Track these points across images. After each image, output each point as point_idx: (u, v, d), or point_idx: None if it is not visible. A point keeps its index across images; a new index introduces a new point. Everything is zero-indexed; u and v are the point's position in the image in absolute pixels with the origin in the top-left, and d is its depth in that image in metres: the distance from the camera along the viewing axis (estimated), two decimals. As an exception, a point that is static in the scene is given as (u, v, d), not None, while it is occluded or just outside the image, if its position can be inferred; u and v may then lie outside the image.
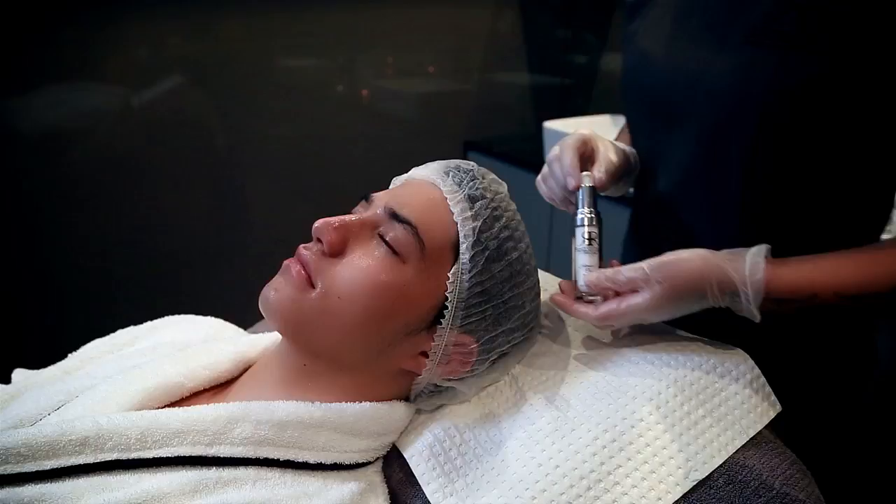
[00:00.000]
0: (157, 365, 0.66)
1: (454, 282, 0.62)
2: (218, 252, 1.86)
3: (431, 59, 2.10)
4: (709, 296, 0.62)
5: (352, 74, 1.99)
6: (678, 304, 0.63)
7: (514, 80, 2.24)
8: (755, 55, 0.65)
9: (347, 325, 0.60)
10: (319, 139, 1.95)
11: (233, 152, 1.82)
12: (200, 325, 0.79)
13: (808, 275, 0.60)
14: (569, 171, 0.71)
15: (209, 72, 1.73)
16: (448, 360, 0.63)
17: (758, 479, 0.58)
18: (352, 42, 1.94)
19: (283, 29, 1.80)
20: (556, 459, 0.59)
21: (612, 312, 0.64)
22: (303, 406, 0.60)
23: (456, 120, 2.16)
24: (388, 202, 0.64)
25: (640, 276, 0.63)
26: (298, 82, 1.89)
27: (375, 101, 2.05)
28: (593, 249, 0.69)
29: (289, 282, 0.61)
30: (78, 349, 0.77)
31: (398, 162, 1.97)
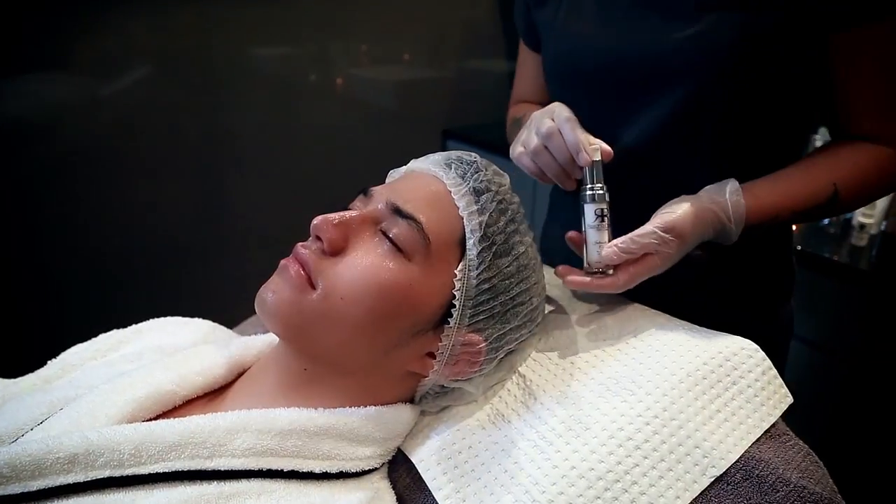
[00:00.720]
0: (147, 372, 0.62)
1: (461, 279, 0.60)
2: (194, 246, 1.80)
3: (407, 47, 2.06)
4: (705, 236, 0.69)
5: (326, 63, 1.93)
6: (684, 251, 0.68)
7: (491, 68, 2.21)
8: (714, 19, 0.68)
9: (351, 327, 0.57)
10: (294, 129, 1.90)
11: (206, 144, 1.76)
12: (189, 327, 0.75)
13: (771, 201, 0.70)
14: (577, 146, 0.68)
15: (179, 61, 1.66)
16: (455, 360, 0.61)
17: (774, 474, 0.57)
18: (325, 30, 1.89)
19: (253, 17, 1.74)
20: (572, 460, 0.57)
21: (634, 275, 0.67)
22: (305, 413, 0.58)
23: (434, 108, 2.12)
24: (390, 197, 0.61)
25: (654, 240, 0.65)
26: (271, 71, 1.83)
27: (351, 90, 2.00)
28: (605, 226, 0.69)
29: (287, 283, 0.58)
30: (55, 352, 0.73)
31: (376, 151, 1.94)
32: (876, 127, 0.72)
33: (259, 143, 1.84)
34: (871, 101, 0.71)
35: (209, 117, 1.74)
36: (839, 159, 0.73)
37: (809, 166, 0.74)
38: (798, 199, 0.71)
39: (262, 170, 1.87)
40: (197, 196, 1.79)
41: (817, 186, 0.71)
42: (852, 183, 0.71)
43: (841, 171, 0.71)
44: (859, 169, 0.72)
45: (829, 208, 0.72)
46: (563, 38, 0.81)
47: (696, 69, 0.71)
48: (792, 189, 0.72)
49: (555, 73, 0.85)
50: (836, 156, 0.73)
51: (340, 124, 1.98)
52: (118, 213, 1.65)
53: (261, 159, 1.86)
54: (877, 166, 0.72)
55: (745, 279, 0.83)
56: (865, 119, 0.72)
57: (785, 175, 0.73)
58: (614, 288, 0.67)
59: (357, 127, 2.01)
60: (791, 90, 0.72)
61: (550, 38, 0.84)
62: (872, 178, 0.72)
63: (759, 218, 0.69)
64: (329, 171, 1.96)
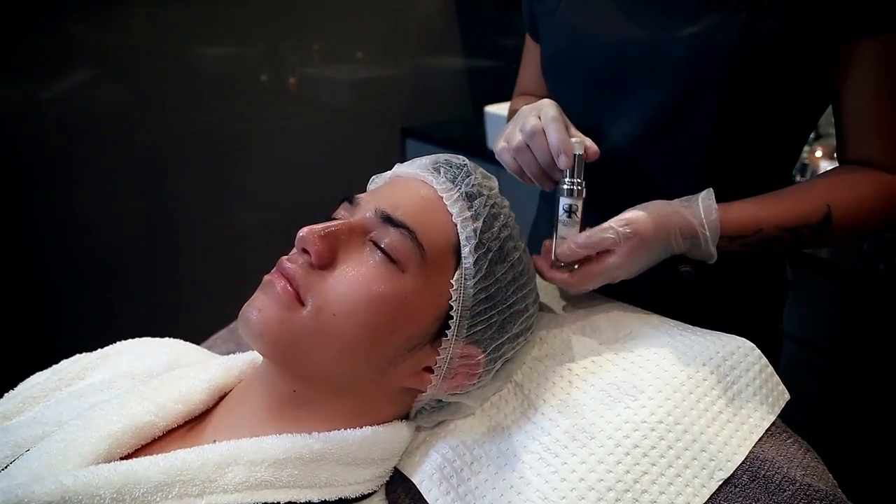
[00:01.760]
0: (121, 403, 0.58)
1: (458, 289, 0.57)
2: (143, 254, 1.72)
3: (362, 45, 2.01)
4: (672, 242, 0.66)
5: (277, 63, 1.87)
6: (647, 255, 0.66)
7: (449, 64, 2.19)
8: (716, 20, 0.67)
9: (345, 344, 0.54)
10: (247, 131, 1.83)
11: (153, 148, 1.67)
12: (160, 348, 0.70)
13: (753, 212, 0.68)
14: (560, 148, 0.66)
15: (122, 63, 1.57)
16: (454, 373, 0.59)
17: (780, 473, 0.57)
18: (275, 28, 1.83)
19: (198, 15, 1.66)
20: (580, 471, 0.55)
21: (588, 274, 0.66)
22: (299, 439, 0.54)
23: (391, 107, 2.08)
24: (378, 204, 0.58)
25: (610, 236, 0.64)
26: (219, 72, 1.75)
27: (305, 90, 1.94)
28: (573, 221, 0.68)
29: (274, 299, 0.54)
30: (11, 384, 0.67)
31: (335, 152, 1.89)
32: (879, 150, 0.68)
33: (210, 146, 1.76)
34: (875, 121, 0.68)
35: (156, 120, 1.66)
36: (837, 182, 0.70)
37: (803, 186, 0.71)
38: (785, 215, 0.67)
39: (215, 173, 1.79)
40: (145, 202, 1.71)
41: (809, 205, 0.68)
42: (848, 207, 0.67)
43: (837, 194, 0.68)
44: (857, 193, 0.68)
45: (820, 231, 0.68)
46: (561, 31, 0.79)
47: (692, 68, 0.69)
48: (779, 203, 0.69)
49: (551, 66, 0.83)
50: (834, 179, 0.70)
51: (295, 125, 1.92)
52: (61, 222, 1.56)
53: (212, 162, 1.78)
54: (876, 193, 0.68)
55: (735, 296, 0.81)
56: (868, 141, 0.69)
57: (775, 192, 0.71)
58: (565, 283, 0.68)
59: (313, 128, 1.95)
60: (787, 99, 0.70)
61: (549, 31, 0.82)
62: (871, 205, 0.68)
63: (739, 229, 0.67)
64: (286, 173, 1.90)
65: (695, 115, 0.71)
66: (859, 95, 0.67)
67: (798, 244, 0.69)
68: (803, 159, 1.46)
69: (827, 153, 1.45)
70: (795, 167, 1.17)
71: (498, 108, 1.82)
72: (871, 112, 0.68)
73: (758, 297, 0.83)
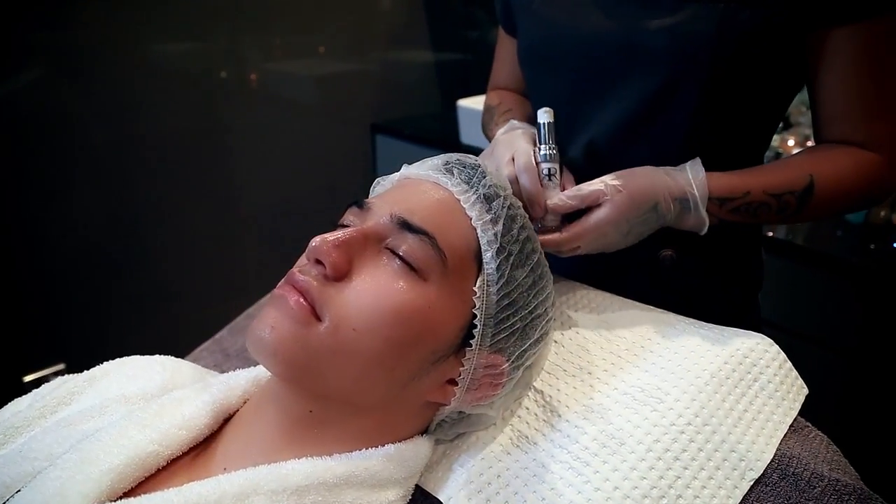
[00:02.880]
0: (119, 432, 0.53)
1: (481, 296, 0.54)
2: (101, 260, 1.63)
3: (327, 39, 1.95)
4: (661, 203, 0.67)
5: (236, 58, 1.80)
6: (636, 213, 0.66)
7: (417, 59, 2.15)
8: (694, 11, 0.68)
9: (366, 361, 0.51)
10: (209, 130, 1.75)
11: (110, 149, 1.58)
12: (152, 367, 0.65)
13: (740, 178, 0.70)
14: (533, 199, 0.68)
15: (75, 61, 1.48)
16: (478, 384, 0.56)
17: (808, 469, 0.57)
18: (232, 23, 1.75)
19: (152, 10, 1.58)
20: (613, 480, 0.53)
21: (580, 229, 0.67)
22: (320, 463, 0.51)
23: (360, 103, 2.03)
24: (393, 209, 0.55)
25: (599, 187, 0.66)
26: (176, 69, 1.67)
27: (267, 87, 1.87)
28: (553, 184, 0.70)
29: (288, 315, 0.50)
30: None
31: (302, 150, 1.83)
32: (857, 130, 0.70)
33: (171, 146, 1.68)
34: (854, 102, 0.70)
35: (112, 120, 1.57)
36: (817, 156, 0.72)
37: (785, 159, 0.75)
38: (770, 181, 0.70)
39: (177, 174, 1.71)
40: (104, 205, 1.62)
41: (792, 174, 0.70)
42: (829, 178, 0.70)
43: (819, 166, 0.70)
44: (837, 167, 0.70)
45: (804, 199, 0.70)
46: (538, 23, 0.79)
47: (671, 59, 0.70)
48: (765, 172, 0.71)
49: (530, 59, 0.83)
50: (815, 153, 0.73)
51: (260, 123, 1.85)
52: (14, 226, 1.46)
53: (174, 163, 1.70)
54: (856, 167, 0.70)
55: (713, 280, 0.82)
56: (847, 121, 0.71)
57: (758, 166, 0.73)
58: (556, 242, 0.67)
59: (279, 125, 1.89)
60: (762, 87, 0.72)
61: (526, 24, 0.82)
62: (851, 179, 0.70)
63: (727, 191, 0.68)
64: (253, 172, 1.84)
65: (674, 105, 0.71)
66: (835, 81, 0.69)
67: (784, 212, 0.71)
68: (776, 148, 1.49)
69: (798, 142, 1.48)
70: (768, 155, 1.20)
71: (471, 101, 1.79)
72: (847, 96, 0.70)
73: (735, 280, 0.84)
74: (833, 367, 1.29)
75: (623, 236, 0.68)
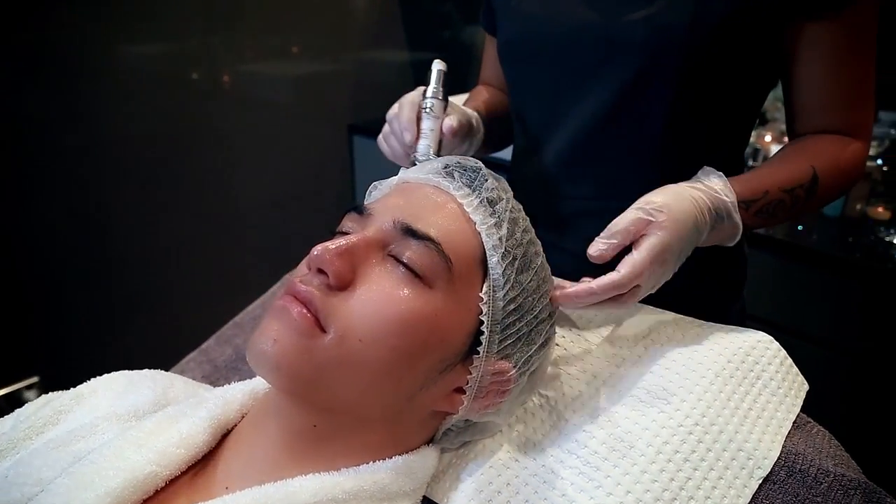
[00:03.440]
0: (115, 453, 0.51)
1: (487, 302, 0.53)
2: (69, 267, 1.57)
3: (301, 40, 1.92)
4: (698, 217, 0.61)
5: (207, 59, 1.76)
6: (685, 231, 0.60)
7: (393, 58, 2.13)
8: (670, 1, 0.68)
9: (373, 372, 0.49)
10: (181, 132, 1.71)
11: (79, 153, 1.53)
12: (143, 382, 0.62)
13: (755, 178, 0.69)
14: (405, 125, 0.72)
15: (45, 62, 1.43)
16: (485, 392, 0.55)
17: (813, 465, 0.57)
18: (202, 23, 1.71)
19: (121, 11, 1.53)
20: (625, 484, 0.53)
21: (638, 263, 0.57)
22: (328, 478, 0.49)
23: (336, 103, 2.01)
24: (395, 214, 0.53)
25: (639, 215, 0.59)
26: (147, 70, 1.63)
27: (240, 88, 1.83)
28: (432, 115, 0.72)
29: (291, 327, 0.49)
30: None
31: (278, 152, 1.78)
32: (838, 119, 0.72)
33: (141, 149, 1.63)
34: (833, 92, 0.71)
35: (81, 123, 1.52)
36: (810, 148, 0.73)
37: (781, 156, 0.74)
38: (781, 178, 0.69)
39: (150, 177, 1.66)
40: (74, 212, 1.57)
41: (797, 169, 0.70)
42: (828, 168, 0.71)
43: (816, 158, 0.71)
44: (831, 156, 0.71)
45: (811, 191, 0.70)
46: (516, 19, 0.80)
47: (648, 50, 0.70)
48: (772, 170, 0.71)
49: (508, 54, 0.83)
50: (806, 146, 0.73)
51: (234, 125, 1.82)
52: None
53: (146, 166, 1.65)
54: (845, 154, 0.72)
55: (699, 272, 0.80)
56: (827, 111, 0.72)
57: (759, 166, 0.74)
58: (618, 285, 0.57)
59: (254, 127, 1.85)
60: (739, 78, 0.72)
61: (504, 19, 0.82)
62: (844, 165, 0.71)
63: (750, 193, 0.66)
64: (228, 175, 1.80)
65: (652, 95, 0.72)
66: (814, 72, 0.70)
67: (795, 207, 0.70)
68: (754, 144, 1.51)
69: (776, 137, 1.50)
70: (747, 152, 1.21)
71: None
72: (827, 86, 0.71)
73: (721, 275, 0.85)
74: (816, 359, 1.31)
75: (677, 262, 0.62)
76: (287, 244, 1.95)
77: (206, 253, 1.83)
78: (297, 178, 1.95)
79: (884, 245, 1.29)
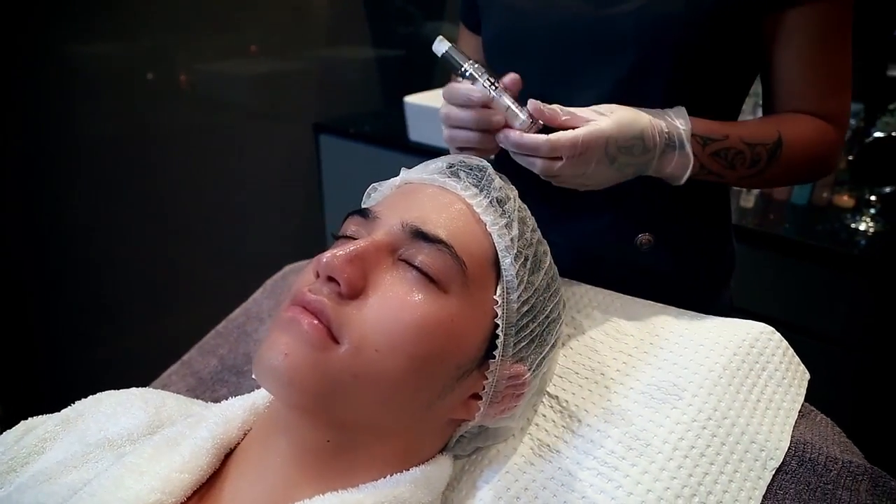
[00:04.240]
0: (114, 482, 0.47)
1: (502, 304, 0.52)
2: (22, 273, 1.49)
3: (259, 38, 1.86)
4: (647, 131, 0.63)
5: (163, 60, 1.69)
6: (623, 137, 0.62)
7: (358, 56, 2.09)
8: None
9: (392, 383, 0.48)
10: (136, 136, 1.64)
11: (31, 160, 1.45)
12: (131, 403, 0.59)
13: (719, 124, 0.69)
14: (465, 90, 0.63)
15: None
16: (501, 396, 0.54)
17: (822, 453, 0.58)
18: (156, 23, 1.64)
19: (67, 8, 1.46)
20: (645, 482, 0.53)
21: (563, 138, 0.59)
22: (349, 497, 0.47)
23: (301, 102, 1.96)
24: (404, 217, 0.51)
25: (587, 113, 0.62)
26: (98, 71, 1.55)
27: (200, 88, 1.77)
28: (500, 91, 0.63)
29: (302, 340, 0.46)
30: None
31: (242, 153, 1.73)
32: (814, 105, 0.72)
33: (93, 153, 1.56)
34: (811, 80, 0.72)
35: (28, 126, 1.44)
36: (782, 118, 0.73)
37: (754, 119, 0.75)
38: (745, 131, 0.69)
39: (101, 183, 1.58)
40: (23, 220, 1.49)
41: (763, 128, 0.71)
42: (795, 137, 0.70)
43: (784, 126, 0.71)
44: (801, 128, 0.72)
45: (773, 154, 0.70)
46: (504, 12, 0.78)
47: (640, 42, 0.70)
48: (739, 123, 0.71)
49: (498, 49, 0.81)
50: (779, 116, 0.74)
51: (193, 126, 1.75)
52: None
53: (97, 171, 1.57)
54: (817, 132, 0.72)
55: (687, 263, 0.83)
56: (804, 98, 0.72)
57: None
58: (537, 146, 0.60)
59: (215, 128, 1.79)
60: (728, 67, 0.73)
61: (492, 14, 0.80)
62: (813, 141, 0.72)
63: (708, 131, 0.67)
64: (188, 179, 1.73)
65: (644, 88, 0.72)
66: (792, 59, 0.71)
67: (755, 165, 0.70)
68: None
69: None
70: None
71: (418, 98, 1.76)
72: (804, 73, 0.72)
73: (708, 263, 0.86)
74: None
75: (609, 164, 0.62)
76: (256, 247, 1.90)
77: (170, 261, 1.76)
78: (263, 179, 1.89)
79: (848, 231, 1.33)
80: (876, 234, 1.31)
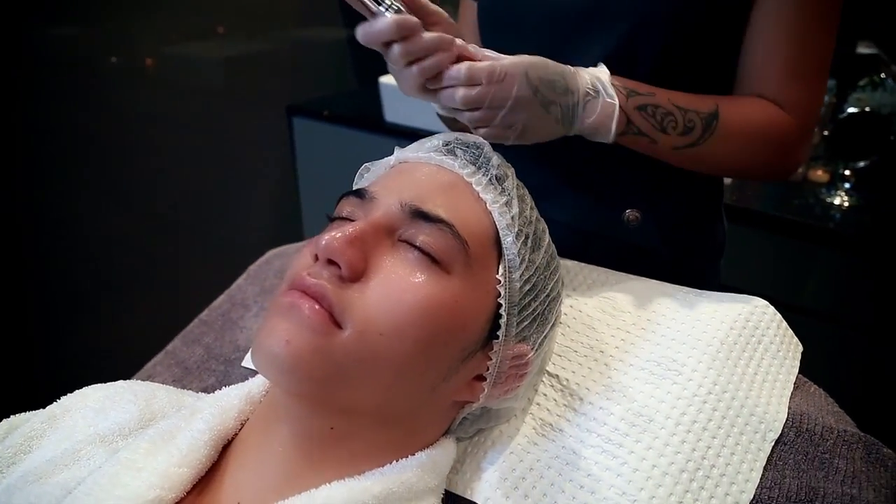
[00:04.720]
0: (110, 480, 0.46)
1: (504, 284, 0.51)
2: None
3: (227, 19, 1.81)
4: (568, 72, 0.61)
5: (126, 42, 1.63)
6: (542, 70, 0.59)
7: (329, 36, 2.05)
8: None
9: (397, 367, 0.47)
10: (102, 122, 1.58)
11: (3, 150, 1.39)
12: (120, 397, 0.56)
13: (648, 86, 0.66)
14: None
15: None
16: (504, 377, 0.53)
17: (818, 423, 0.59)
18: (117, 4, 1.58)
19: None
20: (650, 458, 0.53)
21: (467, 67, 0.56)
22: (355, 484, 0.46)
23: (272, 84, 1.91)
24: (402, 196, 0.50)
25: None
26: (57, 55, 1.49)
27: (167, 72, 1.71)
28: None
29: (304, 325, 0.45)
30: None
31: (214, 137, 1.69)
32: (773, 88, 0.70)
33: (58, 141, 1.50)
34: (773, 61, 0.70)
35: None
36: (727, 97, 0.71)
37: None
38: (680, 97, 0.67)
39: (67, 172, 1.53)
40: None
41: (700, 99, 0.68)
42: (734, 115, 0.68)
43: (724, 102, 0.69)
44: (744, 108, 0.70)
45: (708, 125, 0.67)
46: None
47: (631, 12, 0.69)
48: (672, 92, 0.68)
49: (488, 20, 0.80)
50: (724, 96, 0.71)
51: (162, 111, 1.69)
52: None
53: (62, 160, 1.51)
54: (763, 114, 0.70)
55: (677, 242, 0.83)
56: (765, 80, 0.70)
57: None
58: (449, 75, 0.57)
59: (185, 113, 1.73)
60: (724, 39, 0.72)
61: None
62: (757, 123, 0.69)
63: (635, 85, 0.65)
64: (158, 166, 1.68)
65: (633, 69, 0.70)
66: (759, 40, 0.70)
67: (689, 133, 0.67)
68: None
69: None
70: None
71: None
72: (769, 54, 0.70)
73: (697, 240, 0.86)
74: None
75: (532, 95, 0.58)
76: (231, 233, 1.86)
77: (142, 250, 1.71)
78: (236, 164, 1.85)
79: (823, 206, 1.35)
80: (850, 208, 1.34)
